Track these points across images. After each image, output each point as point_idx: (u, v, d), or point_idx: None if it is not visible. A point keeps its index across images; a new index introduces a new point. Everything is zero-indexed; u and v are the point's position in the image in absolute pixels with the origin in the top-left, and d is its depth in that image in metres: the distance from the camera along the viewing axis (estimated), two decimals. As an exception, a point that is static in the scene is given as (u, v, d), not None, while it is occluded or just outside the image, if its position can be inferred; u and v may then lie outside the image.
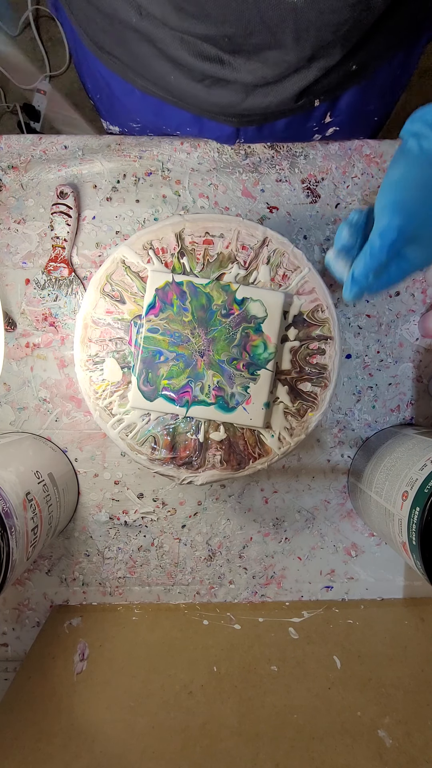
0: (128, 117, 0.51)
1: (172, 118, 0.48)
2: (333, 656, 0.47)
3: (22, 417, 0.52)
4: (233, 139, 0.49)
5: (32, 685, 0.44)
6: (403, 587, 0.54)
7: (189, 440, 0.41)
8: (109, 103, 0.51)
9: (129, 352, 0.41)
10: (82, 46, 0.46)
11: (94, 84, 0.50)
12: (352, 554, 0.53)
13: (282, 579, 0.54)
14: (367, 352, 0.53)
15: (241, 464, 0.41)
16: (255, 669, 0.46)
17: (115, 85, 0.47)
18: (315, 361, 0.41)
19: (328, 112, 0.47)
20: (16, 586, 0.53)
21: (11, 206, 0.51)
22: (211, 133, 0.49)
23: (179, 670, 0.45)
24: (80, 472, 0.52)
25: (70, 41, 0.50)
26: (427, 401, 0.53)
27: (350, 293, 0.32)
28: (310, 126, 0.48)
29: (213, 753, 0.39)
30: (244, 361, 0.40)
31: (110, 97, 0.50)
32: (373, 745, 0.39)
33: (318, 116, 0.47)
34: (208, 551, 0.53)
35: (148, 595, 0.53)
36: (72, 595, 0.53)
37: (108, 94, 0.49)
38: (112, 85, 0.48)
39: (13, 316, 0.52)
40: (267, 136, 0.49)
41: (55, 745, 0.39)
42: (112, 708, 0.42)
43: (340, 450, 0.53)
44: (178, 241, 0.41)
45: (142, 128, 0.52)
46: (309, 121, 0.47)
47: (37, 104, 1.20)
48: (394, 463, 0.43)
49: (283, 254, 0.41)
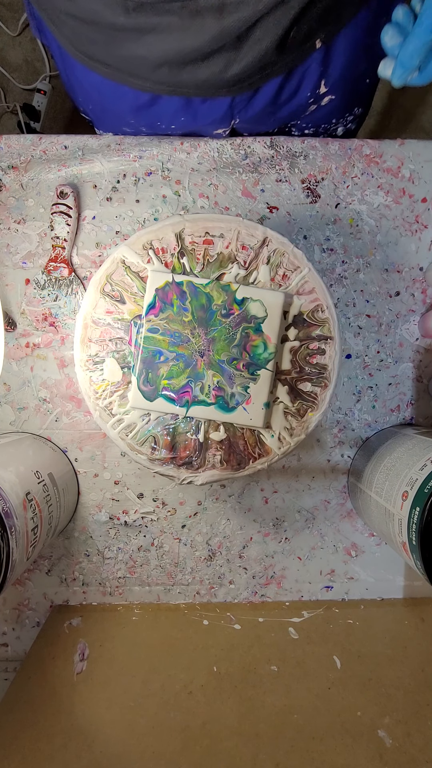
0: (121, 122, 0.51)
1: (166, 109, 0.48)
2: (333, 656, 0.47)
3: (22, 417, 0.52)
4: (228, 119, 0.48)
5: (32, 685, 0.44)
6: (403, 587, 0.54)
7: (189, 440, 0.41)
8: (101, 111, 0.51)
9: (129, 352, 0.41)
10: (69, 60, 0.46)
11: (84, 96, 0.51)
12: (352, 554, 0.53)
13: (282, 579, 0.54)
14: (367, 352, 0.53)
15: (241, 464, 0.41)
16: (255, 669, 0.46)
17: (107, 91, 0.47)
18: (315, 361, 0.41)
19: (322, 80, 0.46)
20: (16, 586, 0.53)
21: (11, 206, 0.51)
22: (206, 117, 0.48)
23: (179, 670, 0.45)
24: (80, 472, 0.52)
25: (57, 60, 0.50)
26: (427, 401, 0.53)
27: (396, 76, 0.34)
28: (304, 96, 0.47)
29: (213, 753, 0.39)
30: (244, 361, 0.40)
31: (102, 104, 0.50)
32: (373, 745, 0.39)
33: (311, 84, 0.46)
34: (208, 551, 0.53)
35: (148, 595, 0.53)
36: (72, 595, 0.53)
37: (100, 102, 0.50)
38: (103, 92, 0.48)
39: (13, 316, 0.52)
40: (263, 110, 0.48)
41: (55, 745, 0.39)
42: (112, 708, 0.42)
43: (340, 450, 0.53)
44: (178, 241, 0.41)
45: (136, 131, 0.51)
46: (303, 90, 0.47)
47: (37, 104, 1.20)
48: (394, 463, 0.43)
49: (283, 254, 0.41)
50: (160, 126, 0.50)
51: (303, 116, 0.51)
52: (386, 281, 0.52)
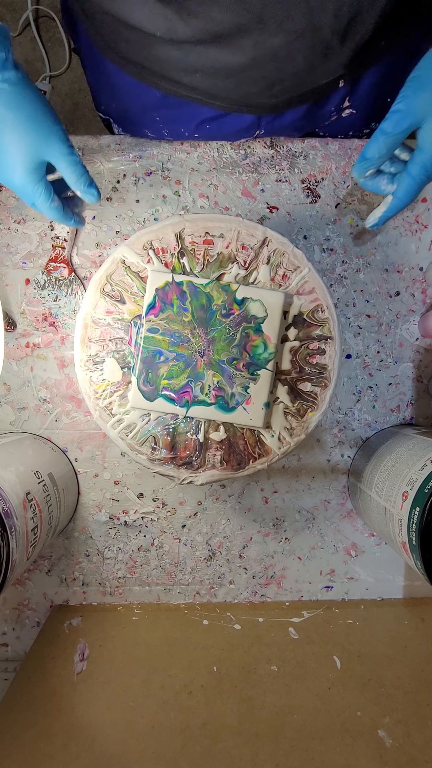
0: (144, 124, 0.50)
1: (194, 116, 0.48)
2: (333, 656, 0.47)
3: (22, 417, 0.52)
4: (253, 129, 0.49)
5: (32, 685, 0.44)
6: (403, 587, 0.54)
7: (189, 440, 0.41)
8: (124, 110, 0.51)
9: (129, 352, 0.41)
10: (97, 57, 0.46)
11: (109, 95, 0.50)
12: (352, 554, 0.53)
13: (282, 579, 0.54)
14: (367, 352, 0.53)
15: (241, 464, 0.41)
16: (255, 669, 0.46)
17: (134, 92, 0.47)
18: (315, 361, 0.41)
19: (347, 97, 0.47)
20: (16, 586, 0.53)
21: (11, 206, 0.51)
22: (232, 125, 0.48)
23: (179, 670, 0.45)
24: (80, 472, 0.52)
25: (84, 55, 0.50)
26: (427, 401, 0.53)
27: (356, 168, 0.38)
28: (327, 110, 0.48)
29: (213, 753, 0.39)
30: (244, 361, 0.40)
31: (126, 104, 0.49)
32: (373, 745, 0.39)
33: (337, 101, 0.47)
34: (208, 551, 0.53)
35: (148, 595, 0.53)
36: (72, 595, 0.53)
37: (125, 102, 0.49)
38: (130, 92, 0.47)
39: (13, 316, 0.52)
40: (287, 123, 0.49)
41: (55, 745, 0.39)
42: (112, 708, 0.42)
43: (340, 450, 0.53)
44: (178, 241, 0.41)
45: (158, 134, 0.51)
46: (328, 106, 0.48)
47: (37, 104, 1.20)
48: (394, 463, 0.43)
49: (283, 254, 0.41)
50: (183, 133, 0.50)
51: (322, 125, 0.51)
52: (386, 281, 0.52)
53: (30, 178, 0.37)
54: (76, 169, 0.37)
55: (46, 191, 0.38)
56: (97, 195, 0.38)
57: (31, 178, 0.37)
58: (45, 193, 0.38)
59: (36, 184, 0.37)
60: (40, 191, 0.37)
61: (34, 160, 0.36)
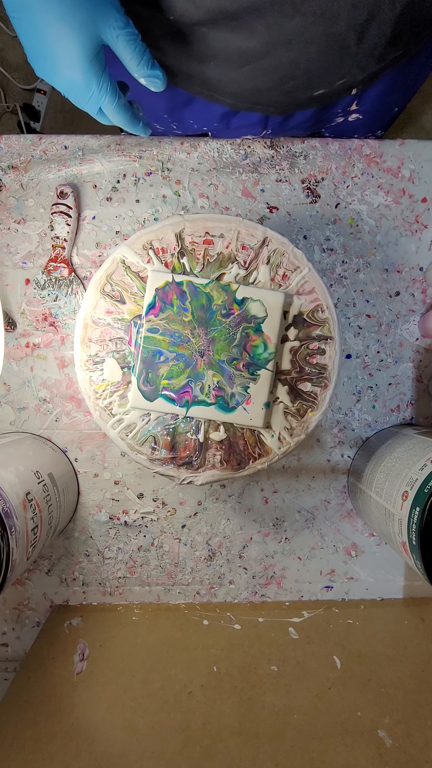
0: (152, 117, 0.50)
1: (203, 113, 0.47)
2: (333, 656, 0.47)
3: (22, 417, 0.52)
4: (261, 128, 0.49)
5: (32, 685, 0.44)
6: (403, 587, 0.54)
7: (189, 440, 0.41)
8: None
9: (129, 352, 0.41)
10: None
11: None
12: (352, 554, 0.53)
13: (282, 579, 0.54)
14: (367, 352, 0.53)
15: (241, 464, 0.41)
16: (255, 669, 0.46)
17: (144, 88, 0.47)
18: (315, 361, 0.41)
19: (355, 101, 0.47)
20: (16, 586, 0.53)
21: (11, 206, 0.51)
22: (240, 121, 0.48)
23: (179, 670, 0.45)
24: (80, 472, 0.52)
25: None
26: (427, 401, 0.53)
27: None
28: (335, 112, 0.48)
29: (213, 753, 0.39)
30: (244, 361, 0.40)
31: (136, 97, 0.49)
32: (373, 745, 0.39)
33: (345, 104, 0.47)
34: (208, 551, 0.53)
35: (148, 595, 0.53)
36: (72, 595, 0.53)
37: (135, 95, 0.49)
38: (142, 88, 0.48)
39: (13, 316, 0.52)
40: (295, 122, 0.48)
41: (55, 745, 0.39)
42: (112, 708, 0.42)
43: (340, 450, 0.53)
44: (178, 241, 0.41)
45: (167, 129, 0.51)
46: (336, 108, 0.47)
47: (37, 104, 1.20)
48: (394, 463, 0.43)
49: (283, 254, 0.41)
50: (192, 125, 0.50)
51: (328, 126, 0.51)
52: (386, 281, 0.52)
53: (93, 69, 0.31)
54: (136, 47, 0.31)
55: (113, 85, 0.32)
56: (163, 78, 0.33)
57: (94, 69, 0.31)
58: (113, 88, 0.32)
59: (101, 77, 0.31)
60: (106, 85, 0.31)
61: (93, 43, 0.30)
